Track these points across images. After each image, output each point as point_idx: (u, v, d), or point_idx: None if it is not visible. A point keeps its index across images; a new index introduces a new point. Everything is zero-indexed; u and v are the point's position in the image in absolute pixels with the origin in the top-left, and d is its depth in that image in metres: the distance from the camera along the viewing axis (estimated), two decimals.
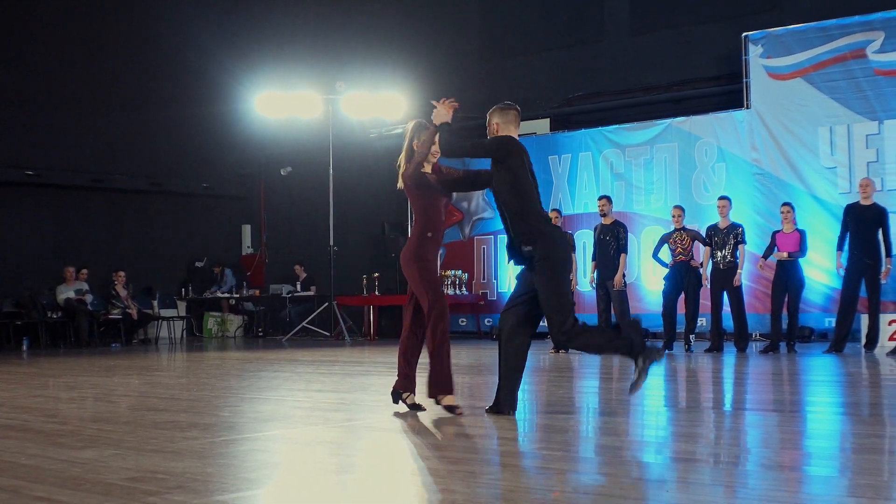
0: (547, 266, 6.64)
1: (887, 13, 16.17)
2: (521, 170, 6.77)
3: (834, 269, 14.59)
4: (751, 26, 17.57)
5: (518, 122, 7.06)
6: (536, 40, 21.16)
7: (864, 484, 4.39)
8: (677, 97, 19.31)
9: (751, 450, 5.61)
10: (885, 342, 14.00)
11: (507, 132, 6.98)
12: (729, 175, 17.47)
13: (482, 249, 20.41)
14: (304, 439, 6.08)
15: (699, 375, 10.78)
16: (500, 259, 19.96)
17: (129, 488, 4.48)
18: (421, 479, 4.76)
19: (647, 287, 17.54)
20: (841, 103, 16.52)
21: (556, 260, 6.68)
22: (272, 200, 25.08)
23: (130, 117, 22.35)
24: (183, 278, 23.94)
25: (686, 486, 4.46)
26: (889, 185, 15.93)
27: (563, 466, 5.06)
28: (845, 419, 6.91)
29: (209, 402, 8.29)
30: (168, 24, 22.72)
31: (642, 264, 17.38)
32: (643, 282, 17.75)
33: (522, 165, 6.79)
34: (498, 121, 7.02)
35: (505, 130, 6.99)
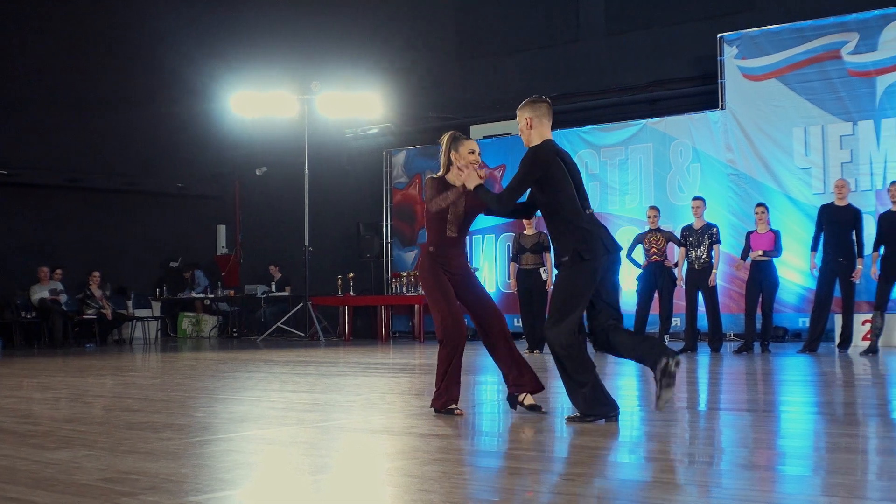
0: (573, 267, 6.50)
1: (861, 14, 16.26)
2: (556, 175, 6.56)
3: (808, 270, 14.67)
4: (726, 27, 17.64)
5: (551, 114, 6.74)
6: (512, 41, 21.19)
7: (837, 483, 4.40)
8: (652, 98, 19.38)
9: (725, 449, 5.62)
10: (859, 342, 14.07)
11: (541, 126, 6.70)
12: (704, 175, 17.53)
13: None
14: (278, 440, 6.06)
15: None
16: (475, 259, 19.96)
17: (102, 489, 4.45)
18: (396, 479, 4.75)
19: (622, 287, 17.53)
20: (815, 104, 16.60)
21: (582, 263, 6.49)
22: (247, 200, 25.02)
23: (106, 117, 22.27)
24: (157, 278, 23.86)
25: (660, 486, 4.47)
26: (863, 186, 16.02)
27: (538, 466, 5.06)
28: (819, 419, 6.93)
29: (183, 403, 8.25)
30: (144, 23, 22.67)
31: None
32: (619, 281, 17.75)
33: (560, 169, 6.59)
34: (530, 115, 6.73)
35: (539, 125, 6.70)
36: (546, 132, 6.73)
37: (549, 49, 20.79)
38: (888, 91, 16.05)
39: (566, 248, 6.48)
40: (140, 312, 21.47)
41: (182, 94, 22.97)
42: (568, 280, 6.49)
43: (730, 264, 16.26)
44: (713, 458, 5.32)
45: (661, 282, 14.49)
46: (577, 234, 6.46)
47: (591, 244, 6.45)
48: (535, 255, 14.64)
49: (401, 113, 22.26)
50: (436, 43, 22.20)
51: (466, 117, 21.24)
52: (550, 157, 6.55)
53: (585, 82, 20.14)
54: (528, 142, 6.75)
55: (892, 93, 16.02)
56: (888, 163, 15.96)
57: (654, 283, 14.52)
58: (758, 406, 7.79)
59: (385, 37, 22.40)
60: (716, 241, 14.30)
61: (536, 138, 6.69)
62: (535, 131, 6.72)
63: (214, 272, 24.49)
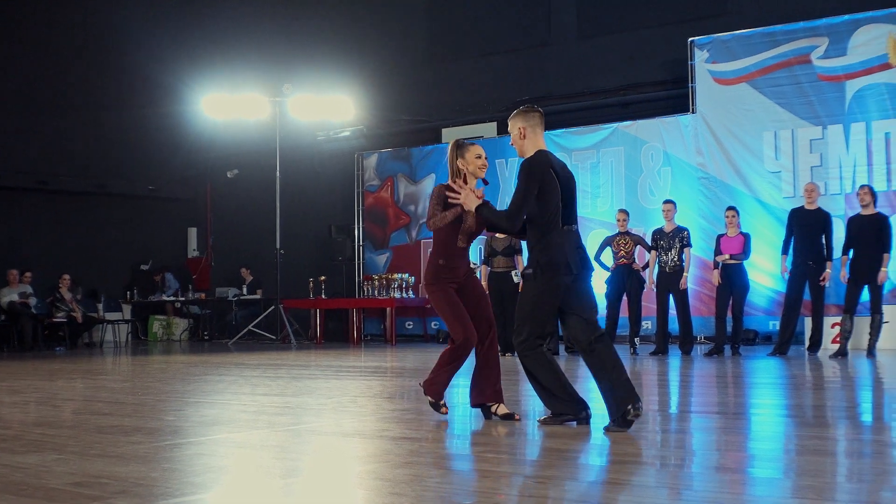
0: (535, 280, 6.54)
1: (831, 19, 16.37)
2: (546, 186, 6.57)
3: (778, 273, 14.75)
4: (697, 31, 17.72)
5: (543, 123, 6.73)
6: (483, 44, 21.20)
7: (807, 485, 4.42)
8: (624, 101, 19.42)
9: (695, 452, 5.64)
10: (829, 345, 14.14)
11: (535, 136, 6.67)
12: (674, 179, 17.60)
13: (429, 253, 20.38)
14: (249, 443, 6.04)
15: (644, 378, 10.83)
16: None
17: (72, 493, 4.43)
18: (367, 483, 4.75)
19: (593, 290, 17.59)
20: (785, 108, 16.70)
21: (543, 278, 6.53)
22: (218, 203, 24.95)
23: (75, 119, 22.17)
24: (128, 281, 23.75)
25: (631, 489, 4.48)
26: (832, 190, 16.12)
27: (509, 469, 5.07)
28: (789, 421, 6.96)
29: (154, 406, 8.22)
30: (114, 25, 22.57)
31: None
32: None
33: (551, 181, 6.59)
34: (522, 124, 6.71)
35: (532, 134, 6.67)
36: (540, 142, 6.73)
37: (521, 52, 20.82)
38: (857, 95, 16.15)
39: (532, 260, 6.53)
40: (110, 315, 21.35)
41: (153, 96, 22.89)
42: (531, 293, 6.55)
43: (701, 268, 16.33)
44: (684, 460, 5.34)
45: (630, 285, 14.55)
46: (547, 250, 6.48)
47: (556, 261, 6.47)
48: (507, 259, 14.65)
49: (373, 116, 22.25)
50: (408, 46, 22.21)
51: (438, 120, 21.26)
52: (545, 168, 6.53)
53: (557, 86, 20.18)
54: (521, 151, 6.74)
55: (861, 97, 16.12)
56: (857, 167, 16.07)
57: (623, 285, 14.57)
58: (728, 409, 7.82)
59: (357, 40, 22.39)
60: (686, 244, 14.36)
61: (530, 148, 6.69)
62: (528, 141, 6.71)
63: (185, 275, 24.41)
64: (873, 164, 15.96)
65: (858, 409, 7.79)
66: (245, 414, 7.67)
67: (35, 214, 22.18)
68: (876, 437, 6.16)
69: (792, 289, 13.90)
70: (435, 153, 20.16)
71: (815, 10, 16.83)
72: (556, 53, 20.48)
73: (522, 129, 6.71)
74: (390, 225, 21.32)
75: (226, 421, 7.24)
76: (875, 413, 7.55)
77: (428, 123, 21.42)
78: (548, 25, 20.64)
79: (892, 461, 5.17)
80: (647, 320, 16.37)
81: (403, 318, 20.60)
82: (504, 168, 19.20)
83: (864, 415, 7.43)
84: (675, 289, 14.28)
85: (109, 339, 20.91)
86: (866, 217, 13.24)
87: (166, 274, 23.64)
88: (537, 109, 6.81)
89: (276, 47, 22.80)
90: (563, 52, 20.37)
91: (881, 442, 5.89)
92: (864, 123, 16.09)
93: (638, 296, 14.67)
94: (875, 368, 11.48)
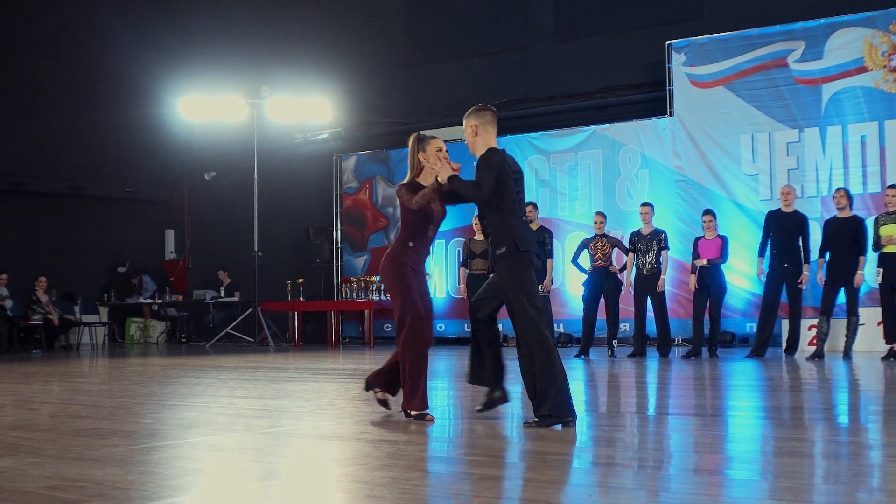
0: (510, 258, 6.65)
1: (808, 23, 16.44)
2: (502, 177, 6.73)
3: (755, 275, 14.80)
4: (674, 34, 17.77)
5: (496, 121, 6.92)
6: (462, 46, 21.21)
7: (784, 487, 4.44)
8: (601, 104, 19.46)
9: (673, 454, 5.65)
10: (805, 346, 14.19)
11: (486, 133, 6.81)
12: (652, 182, 17.64)
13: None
14: (227, 446, 6.03)
15: (622, 380, 10.85)
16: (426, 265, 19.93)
17: (48, 497, 4.41)
18: (345, 485, 4.74)
19: (570, 292, 17.64)
20: (762, 111, 16.76)
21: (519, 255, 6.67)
22: (196, 205, 24.88)
23: (52, 120, 22.07)
24: (105, 284, 23.65)
25: (609, 491, 4.49)
26: (809, 193, 16.19)
27: (487, 471, 5.07)
28: (766, 423, 6.99)
29: (131, 409, 8.19)
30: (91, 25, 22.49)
31: (566, 270, 17.43)
32: (567, 287, 17.86)
33: (507, 174, 6.75)
34: (475, 122, 6.85)
35: (483, 131, 6.80)
36: (491, 139, 6.90)
37: (499, 55, 20.84)
38: (833, 98, 16.22)
39: (502, 239, 6.66)
40: (87, 318, 21.26)
41: (130, 98, 22.80)
42: (511, 274, 6.65)
43: (678, 270, 16.37)
44: (661, 462, 5.35)
45: (607, 287, 14.59)
46: (514, 229, 6.67)
47: (526, 238, 6.70)
48: (485, 261, 14.65)
49: (351, 118, 22.23)
50: (386, 48, 22.19)
51: (416, 123, 21.23)
52: (500, 162, 6.69)
53: (535, 88, 20.21)
54: (474, 149, 6.93)
55: (837, 100, 16.19)
56: (833, 169, 16.14)
57: (600, 288, 14.61)
58: (706, 411, 7.84)
59: (335, 42, 22.36)
60: (664, 246, 14.40)
61: (482, 146, 6.84)
62: (480, 138, 6.87)
63: (162, 277, 24.33)
64: (849, 167, 16.03)
65: (835, 411, 7.82)
66: (223, 417, 7.65)
67: (11, 216, 22.07)
68: (852, 438, 6.18)
69: (769, 291, 13.96)
70: None
71: (791, 14, 16.90)
72: (533, 56, 20.51)
73: (475, 126, 6.89)
74: (368, 227, 21.29)
75: (203, 424, 7.22)
76: (851, 415, 7.59)
77: (406, 125, 21.36)
78: (526, 28, 20.67)
79: (868, 462, 5.20)
80: (625, 323, 16.39)
81: (382, 320, 20.58)
82: None
83: (840, 416, 7.47)
84: (653, 291, 14.31)
85: (86, 342, 20.83)
86: (842, 220, 13.29)
87: (143, 276, 23.56)
88: (490, 108, 7.02)
89: (254, 49, 22.75)
90: (541, 55, 20.39)
91: (857, 443, 5.91)
92: (840, 127, 16.15)
93: (615, 298, 14.71)
94: (851, 370, 11.53)
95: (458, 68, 21.19)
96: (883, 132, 15.84)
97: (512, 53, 20.74)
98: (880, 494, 4.39)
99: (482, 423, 6.81)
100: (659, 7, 18.94)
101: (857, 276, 13.06)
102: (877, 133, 15.90)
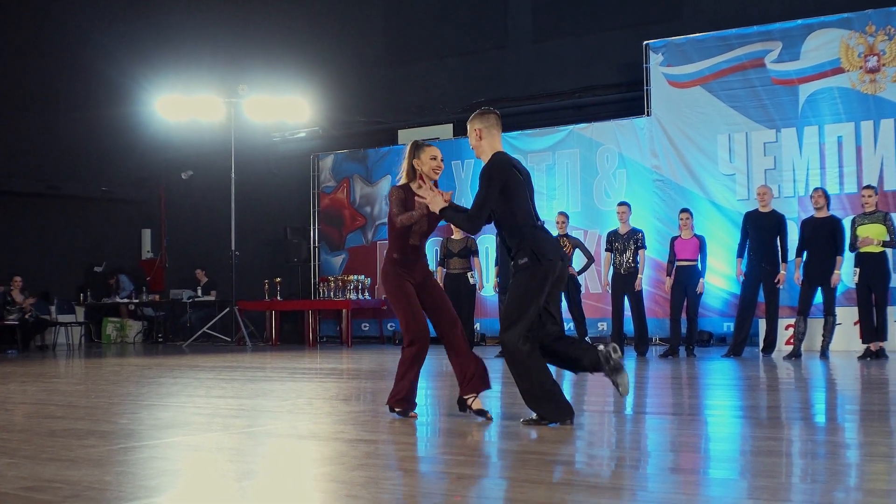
0: (530, 269, 6.61)
1: (785, 24, 16.50)
2: (513, 185, 6.70)
3: (733, 275, 14.87)
4: (652, 35, 17.81)
5: (500, 124, 6.86)
6: (440, 46, 21.21)
7: (761, 486, 4.44)
8: (579, 104, 19.50)
9: (651, 453, 5.66)
10: (783, 346, 14.25)
11: (491, 137, 6.76)
12: (629, 181, 17.67)
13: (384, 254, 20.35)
14: (204, 446, 6.00)
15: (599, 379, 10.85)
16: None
17: (24, 498, 4.38)
18: (323, 485, 4.73)
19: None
20: (739, 111, 16.81)
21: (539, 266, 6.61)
22: (173, 204, 24.81)
23: (28, 119, 21.97)
24: (81, 283, 23.56)
25: (587, 490, 4.48)
26: (786, 193, 16.25)
27: (465, 471, 5.06)
28: (744, 422, 7.00)
29: (107, 410, 8.15)
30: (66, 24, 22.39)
31: None
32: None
33: (516, 179, 6.72)
34: (480, 126, 6.80)
35: (488, 135, 6.75)
36: (497, 143, 6.86)
37: (478, 55, 20.85)
38: (810, 99, 16.29)
39: (525, 250, 6.59)
40: (63, 318, 21.16)
41: (107, 97, 22.71)
42: (524, 283, 6.59)
43: (656, 269, 16.40)
44: (639, 461, 5.35)
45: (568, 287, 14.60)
46: (535, 238, 6.62)
47: (547, 249, 6.61)
48: (463, 260, 14.68)
49: (328, 117, 22.19)
50: (364, 47, 22.17)
51: (395, 122, 21.25)
52: (507, 167, 6.67)
53: (513, 88, 20.23)
54: (479, 153, 6.88)
55: (814, 101, 16.26)
56: (810, 170, 16.20)
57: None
58: (683, 410, 7.86)
59: (313, 41, 22.32)
60: (641, 245, 14.45)
61: (488, 149, 6.80)
62: (485, 142, 6.83)
63: (139, 277, 24.24)
64: (826, 167, 16.10)
65: (812, 410, 7.85)
66: (200, 416, 7.62)
67: None
68: (829, 437, 6.20)
69: (746, 291, 14.01)
70: (391, 154, 20.12)
71: (768, 15, 16.98)
72: (512, 56, 20.53)
73: (479, 130, 6.81)
74: (346, 226, 21.27)
75: (180, 424, 7.20)
76: (828, 414, 7.62)
77: (384, 125, 21.40)
78: (504, 28, 20.68)
79: (845, 461, 5.21)
80: (603, 322, 16.43)
81: (359, 319, 20.57)
82: (461, 169, 19.21)
83: (817, 416, 7.49)
84: (630, 290, 14.36)
85: (62, 342, 20.73)
86: (819, 220, 13.35)
87: (120, 276, 23.47)
88: (493, 111, 6.90)
89: (231, 48, 22.69)
90: (519, 55, 20.41)
91: (834, 443, 5.93)
92: (817, 127, 16.22)
93: (576, 298, 14.80)
94: (828, 370, 11.58)
95: (436, 67, 21.19)
96: (859, 133, 15.93)
97: (490, 53, 20.76)
98: (857, 493, 4.41)
99: (460, 422, 6.80)
100: (636, 7, 18.98)
101: (835, 275, 13.12)
102: (853, 134, 15.98)
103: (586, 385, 10.00)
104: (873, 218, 12.92)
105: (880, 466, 5.05)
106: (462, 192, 18.95)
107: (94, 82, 22.56)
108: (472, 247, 14.78)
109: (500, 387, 10.10)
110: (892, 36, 15.74)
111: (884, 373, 10.86)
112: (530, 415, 6.62)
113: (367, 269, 20.34)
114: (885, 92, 15.78)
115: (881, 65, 15.81)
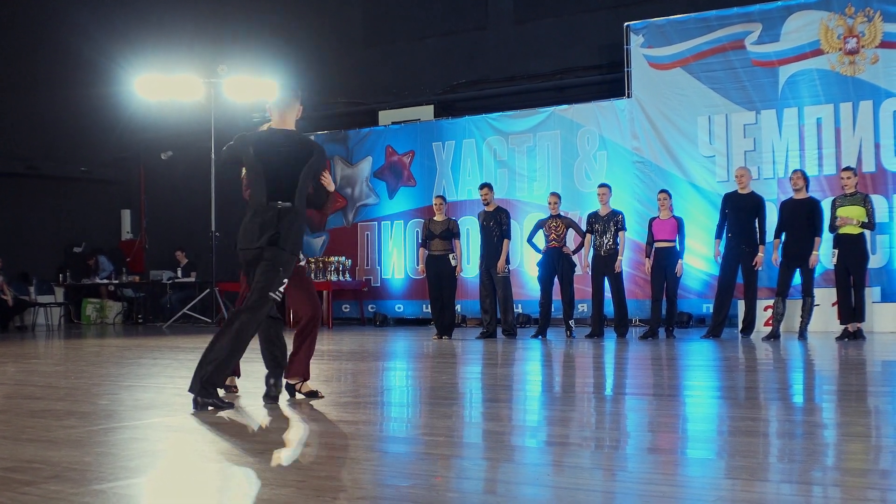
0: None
1: (765, 5, 16.51)
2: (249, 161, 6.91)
3: (712, 257, 14.91)
4: (632, 16, 17.79)
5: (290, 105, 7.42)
6: (420, 27, 21.17)
7: (739, 465, 4.47)
8: (560, 85, 19.50)
9: (630, 434, 5.68)
10: (761, 327, 14.29)
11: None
12: (610, 163, 17.69)
13: (366, 235, 20.36)
14: (184, 427, 6.00)
15: (580, 360, 10.90)
16: (384, 245, 19.97)
17: (3, 478, 4.37)
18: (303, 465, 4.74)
19: (529, 273, 17.65)
20: (719, 93, 16.83)
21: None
22: (152, 185, 24.71)
23: (5, 99, 21.84)
24: (60, 264, 23.48)
25: (566, 470, 4.50)
26: (766, 174, 16.29)
27: (446, 451, 5.07)
28: (722, 403, 7.04)
29: (87, 390, 8.14)
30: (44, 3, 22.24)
31: (524, 251, 17.46)
32: (525, 268, 17.88)
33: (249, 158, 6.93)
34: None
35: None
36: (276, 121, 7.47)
37: (458, 36, 20.82)
38: (790, 81, 16.31)
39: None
40: (42, 298, 21.11)
41: (85, 77, 22.58)
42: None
43: (636, 251, 16.44)
44: (618, 442, 5.38)
45: (561, 267, 14.62)
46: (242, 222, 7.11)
47: (239, 235, 7.29)
48: (445, 241, 14.67)
49: (309, 98, 22.00)
50: (344, 27, 22.10)
51: (374, 103, 21.21)
52: (242, 144, 7.43)
53: (494, 69, 20.22)
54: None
55: (794, 83, 16.29)
56: (790, 151, 16.24)
57: (554, 268, 14.64)
58: (662, 391, 7.89)
59: (293, 21, 22.24)
60: (621, 227, 14.47)
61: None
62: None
63: (119, 258, 24.16)
64: (805, 148, 16.14)
65: (790, 391, 7.88)
66: (180, 398, 7.61)
67: None
68: (807, 417, 6.24)
69: (725, 272, 14.04)
70: (371, 135, 20.07)
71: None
72: (492, 37, 20.50)
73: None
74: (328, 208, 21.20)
75: (160, 405, 7.20)
76: (806, 394, 7.65)
77: (364, 106, 21.35)
78: (485, 9, 20.66)
79: (822, 441, 5.25)
80: (583, 303, 16.46)
81: (340, 301, 20.55)
82: (441, 151, 19.17)
83: (795, 396, 7.53)
84: (611, 272, 14.37)
85: (42, 323, 20.68)
86: (798, 201, 13.40)
87: (99, 256, 23.40)
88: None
89: (210, 28, 22.59)
90: (500, 36, 20.39)
91: (812, 423, 5.97)
92: (796, 109, 16.26)
93: (569, 278, 14.75)
94: (806, 350, 11.64)
95: (417, 48, 21.15)
96: (838, 114, 15.96)
97: (470, 34, 20.73)
98: (835, 473, 4.44)
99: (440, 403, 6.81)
100: None
101: (813, 256, 13.16)
102: (832, 115, 16.02)
103: (562, 367, 10.03)
104: (853, 199, 12.97)
105: (857, 446, 5.09)
106: (443, 174, 18.95)
107: (71, 62, 22.42)
108: (453, 228, 14.76)
109: (481, 368, 10.12)
110: (872, 18, 15.78)
111: (861, 353, 10.93)
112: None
113: (348, 250, 20.31)
114: (864, 74, 15.82)
115: (860, 46, 15.84)
